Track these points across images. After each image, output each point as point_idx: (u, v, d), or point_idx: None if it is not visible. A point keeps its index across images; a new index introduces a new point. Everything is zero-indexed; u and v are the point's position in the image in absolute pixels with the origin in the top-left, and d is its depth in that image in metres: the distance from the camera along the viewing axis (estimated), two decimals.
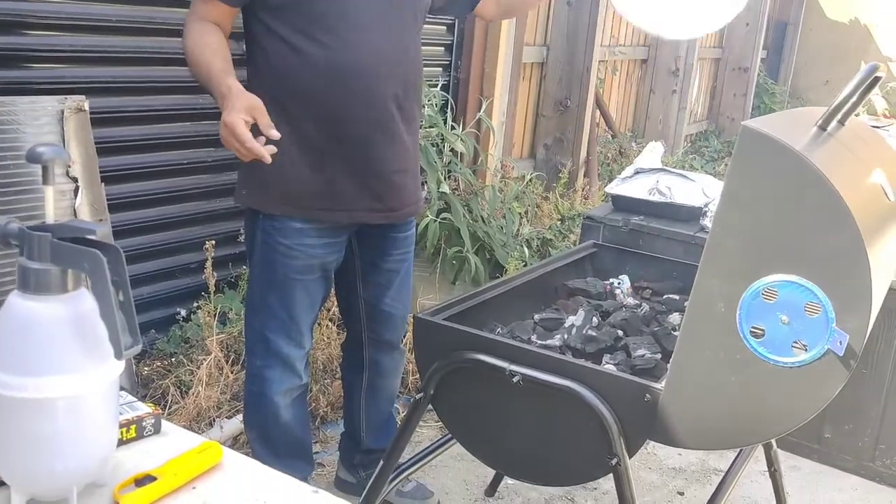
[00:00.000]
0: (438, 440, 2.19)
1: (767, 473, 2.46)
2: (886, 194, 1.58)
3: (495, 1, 2.29)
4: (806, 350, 1.35)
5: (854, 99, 1.55)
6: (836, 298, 1.32)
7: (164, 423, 1.17)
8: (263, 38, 1.94)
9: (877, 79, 1.51)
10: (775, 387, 1.38)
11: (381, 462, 1.87)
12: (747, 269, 1.37)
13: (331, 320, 3.06)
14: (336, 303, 2.56)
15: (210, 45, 1.87)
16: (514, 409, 1.67)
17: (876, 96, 7.58)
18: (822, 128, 1.56)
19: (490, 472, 2.60)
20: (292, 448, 2.25)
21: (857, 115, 1.74)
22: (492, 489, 2.59)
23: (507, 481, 2.62)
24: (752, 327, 1.37)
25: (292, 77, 1.93)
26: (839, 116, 1.59)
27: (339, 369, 2.90)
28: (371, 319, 2.29)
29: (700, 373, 1.44)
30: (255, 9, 1.93)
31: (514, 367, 1.59)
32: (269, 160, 1.73)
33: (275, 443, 2.22)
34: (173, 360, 2.90)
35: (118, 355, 0.89)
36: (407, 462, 2.05)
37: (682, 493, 2.78)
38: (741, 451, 2.20)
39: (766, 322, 1.36)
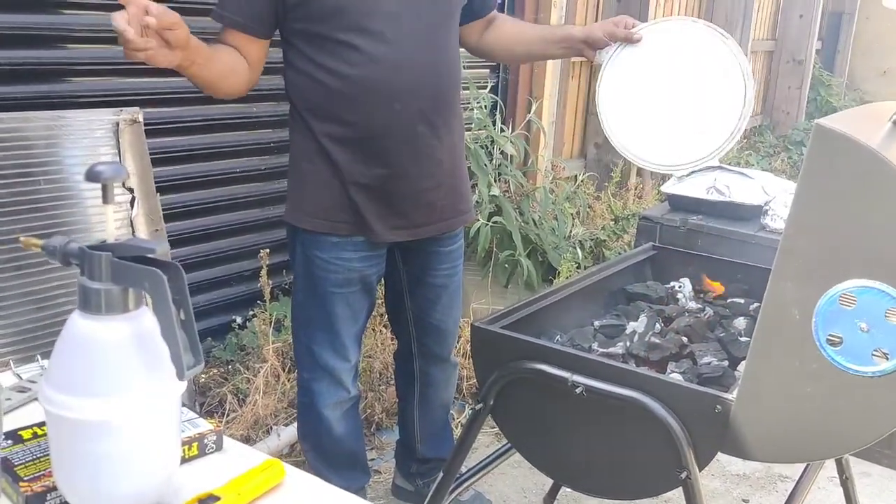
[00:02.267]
0: (498, 450, 2.15)
1: (835, 480, 2.36)
2: None
3: (480, 31, 2.17)
4: (887, 359, 1.28)
5: None
6: None
7: (225, 440, 1.16)
8: (293, 57, 1.93)
9: None
10: (854, 397, 1.32)
11: (441, 474, 1.84)
12: (823, 274, 1.30)
13: (385, 326, 3.04)
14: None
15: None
16: (577, 419, 1.62)
17: None
18: None
19: (548, 480, 2.55)
20: (346, 459, 2.24)
21: None
22: (550, 497, 2.54)
23: (566, 489, 2.57)
24: (829, 335, 1.31)
25: (315, 94, 1.91)
26: None
27: (393, 376, 2.89)
28: (420, 332, 2.27)
29: (773, 383, 1.38)
30: (283, 32, 1.91)
31: (576, 378, 1.54)
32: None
33: (328, 454, 2.21)
34: (230, 367, 2.92)
35: (180, 375, 0.88)
36: (466, 473, 2.01)
37: (746, 501, 2.70)
38: None
39: (844, 329, 1.30)
